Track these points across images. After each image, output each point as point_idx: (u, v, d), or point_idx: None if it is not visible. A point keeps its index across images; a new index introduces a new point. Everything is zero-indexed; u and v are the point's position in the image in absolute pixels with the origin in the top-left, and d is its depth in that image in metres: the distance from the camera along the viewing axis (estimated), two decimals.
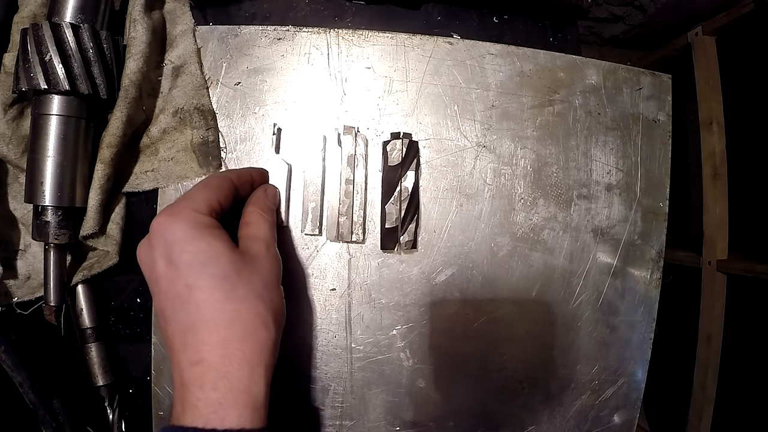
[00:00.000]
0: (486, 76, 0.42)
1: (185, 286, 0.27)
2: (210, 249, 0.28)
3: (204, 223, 0.29)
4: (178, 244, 0.28)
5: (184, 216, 0.29)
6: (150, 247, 0.29)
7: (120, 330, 0.43)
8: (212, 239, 0.28)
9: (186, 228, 0.28)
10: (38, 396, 0.37)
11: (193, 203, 0.30)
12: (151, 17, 0.38)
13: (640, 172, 0.45)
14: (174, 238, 0.28)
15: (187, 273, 0.27)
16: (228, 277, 0.28)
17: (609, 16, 1.37)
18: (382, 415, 0.41)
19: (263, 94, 0.40)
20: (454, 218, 0.42)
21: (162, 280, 0.28)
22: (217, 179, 0.33)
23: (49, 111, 0.35)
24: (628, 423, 0.45)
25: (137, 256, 0.31)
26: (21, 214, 0.39)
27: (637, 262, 0.44)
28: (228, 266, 0.28)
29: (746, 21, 0.92)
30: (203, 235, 0.28)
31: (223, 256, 0.28)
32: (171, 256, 0.28)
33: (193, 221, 0.28)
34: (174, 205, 0.30)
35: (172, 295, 0.27)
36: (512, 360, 0.43)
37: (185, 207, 0.29)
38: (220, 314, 0.27)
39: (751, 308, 1.05)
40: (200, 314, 0.27)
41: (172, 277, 0.28)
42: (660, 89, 0.45)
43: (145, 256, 0.30)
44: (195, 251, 0.28)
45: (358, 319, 0.41)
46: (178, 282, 0.27)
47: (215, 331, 0.26)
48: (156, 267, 0.28)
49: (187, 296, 0.27)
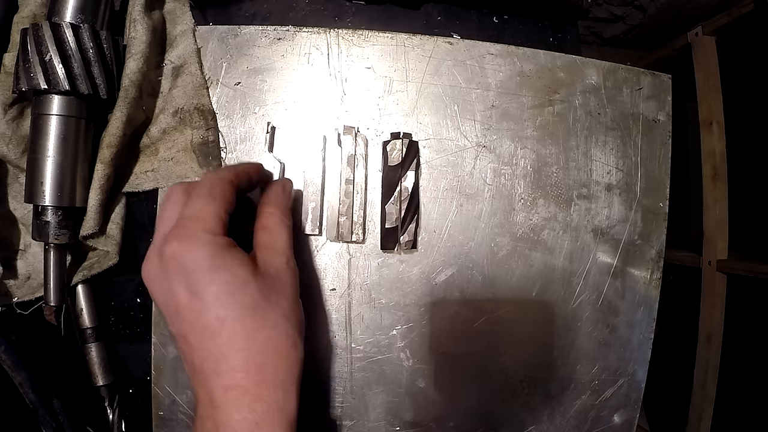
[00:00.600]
0: (486, 76, 0.42)
1: (216, 319, 0.27)
2: (235, 278, 0.27)
3: (223, 245, 0.28)
4: (201, 275, 0.27)
5: (202, 241, 0.27)
6: (165, 276, 0.28)
7: (120, 330, 0.43)
8: (235, 267, 0.28)
9: (207, 256, 0.27)
10: (38, 396, 0.37)
11: (205, 223, 0.28)
12: (151, 17, 0.38)
13: (640, 172, 0.45)
14: (196, 268, 0.27)
15: (216, 306, 0.27)
16: (258, 306, 0.28)
17: (609, 16, 1.37)
18: (382, 415, 0.41)
19: (263, 94, 0.40)
20: (454, 218, 0.42)
21: (185, 311, 0.27)
22: (220, 187, 0.30)
23: (49, 111, 0.35)
24: (628, 423, 0.45)
25: (145, 278, 0.29)
26: (21, 214, 0.39)
27: (637, 262, 0.44)
28: (256, 294, 0.28)
29: (746, 21, 0.92)
30: (226, 263, 0.27)
31: (250, 283, 0.28)
32: (194, 288, 0.27)
33: (212, 247, 0.27)
34: (184, 228, 0.28)
35: (200, 327, 0.27)
36: (512, 360, 0.43)
37: (198, 230, 0.28)
38: (254, 343, 0.27)
39: (751, 308, 1.05)
40: (233, 344, 0.27)
41: (198, 309, 0.27)
42: (660, 89, 0.45)
43: (159, 284, 0.28)
44: (221, 282, 0.27)
45: (358, 319, 0.41)
46: (206, 314, 0.27)
47: (250, 359, 0.27)
48: (176, 297, 0.27)
49: (219, 328, 0.27)
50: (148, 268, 0.29)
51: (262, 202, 0.33)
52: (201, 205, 0.29)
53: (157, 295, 0.29)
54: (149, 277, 0.29)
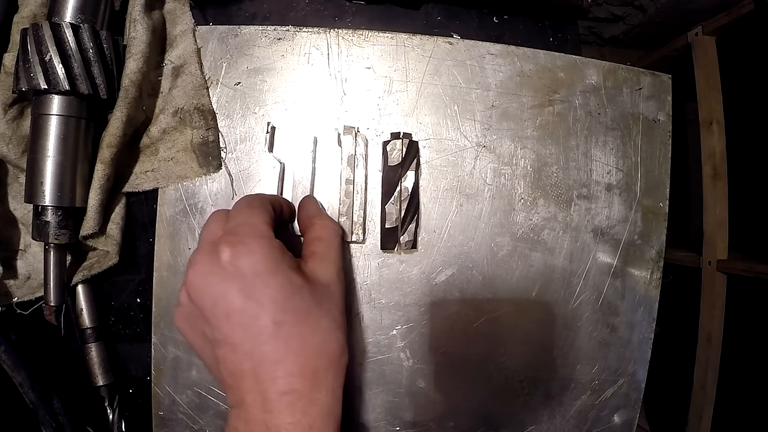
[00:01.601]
0: (486, 76, 0.42)
1: (273, 323, 0.27)
2: (291, 283, 0.28)
3: (277, 248, 0.28)
4: (260, 278, 0.27)
5: (258, 245, 0.27)
6: (219, 281, 0.27)
7: (120, 330, 0.43)
8: (290, 272, 0.28)
9: (263, 259, 0.27)
10: (38, 396, 0.37)
11: (255, 227, 0.28)
12: (151, 17, 0.38)
13: (640, 172, 0.45)
14: (254, 272, 0.27)
15: (274, 309, 0.27)
16: (312, 311, 0.28)
17: (609, 16, 1.37)
18: (382, 415, 0.41)
19: (263, 94, 0.40)
20: (454, 218, 0.42)
21: (240, 315, 0.27)
22: (258, 200, 0.31)
23: (49, 111, 0.35)
24: (628, 423, 0.45)
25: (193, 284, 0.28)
26: (21, 214, 0.39)
27: (637, 262, 0.44)
28: (310, 299, 0.28)
29: (746, 21, 0.92)
30: (281, 267, 0.28)
31: (305, 288, 0.28)
32: (251, 291, 0.27)
33: (267, 250, 0.27)
34: (236, 234, 0.28)
35: (256, 331, 0.27)
36: (512, 360, 0.43)
37: (251, 234, 0.28)
38: (309, 348, 0.28)
39: (751, 308, 1.05)
40: (290, 348, 0.27)
41: (255, 312, 0.27)
42: (660, 89, 0.45)
43: (209, 290, 0.27)
44: (277, 286, 0.27)
45: (358, 319, 0.41)
46: (263, 318, 0.27)
47: (306, 364, 0.27)
48: (230, 301, 0.27)
49: (275, 331, 0.27)
50: (196, 272, 0.28)
51: (307, 216, 0.35)
52: (246, 214, 0.29)
53: (206, 301, 0.28)
54: (197, 284, 0.28)
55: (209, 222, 0.31)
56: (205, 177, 0.40)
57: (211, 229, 0.30)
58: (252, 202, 0.30)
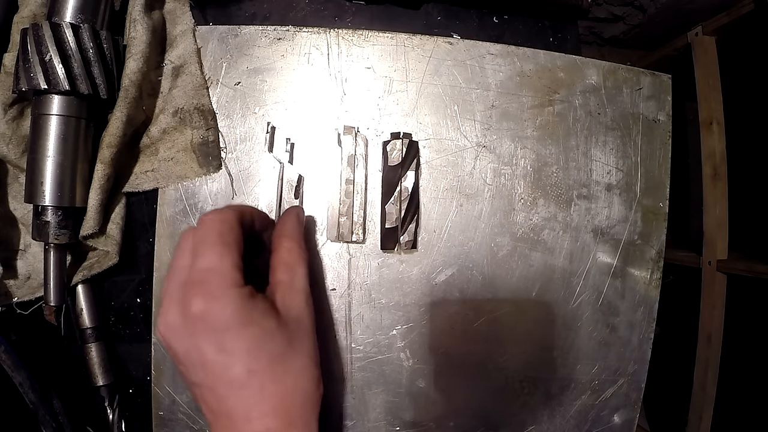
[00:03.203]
0: (486, 76, 0.42)
1: (246, 372, 0.27)
2: (263, 331, 0.28)
3: (247, 297, 0.28)
4: (231, 332, 0.27)
5: (228, 298, 0.27)
6: (190, 333, 0.27)
7: (120, 330, 0.43)
8: (262, 319, 0.28)
9: (234, 313, 0.27)
10: (38, 396, 0.37)
11: (226, 276, 0.28)
12: (151, 17, 0.38)
13: (640, 172, 0.45)
14: (225, 327, 0.27)
15: (247, 359, 0.27)
16: (285, 353, 0.29)
17: (609, 16, 1.37)
18: (382, 415, 0.41)
19: (263, 94, 0.40)
20: (454, 218, 0.42)
21: (213, 366, 0.27)
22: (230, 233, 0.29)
23: (49, 111, 0.35)
24: (628, 423, 0.45)
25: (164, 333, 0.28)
26: (21, 214, 0.39)
27: (637, 262, 0.44)
28: (283, 342, 0.29)
29: (746, 21, 0.92)
30: (253, 317, 0.28)
31: (276, 333, 0.28)
32: (223, 344, 0.27)
33: (238, 301, 0.27)
34: (206, 283, 0.27)
35: (229, 379, 0.27)
36: (512, 360, 0.43)
37: (222, 285, 0.27)
38: (282, 388, 0.28)
39: (751, 308, 1.05)
40: (264, 392, 0.27)
41: (227, 363, 0.27)
42: (660, 89, 0.45)
43: (182, 340, 0.28)
44: (249, 336, 0.27)
45: (358, 319, 0.41)
46: (236, 368, 0.27)
47: (279, 404, 0.28)
48: (203, 353, 0.27)
49: (249, 379, 0.27)
50: (168, 323, 0.28)
51: (279, 235, 0.33)
52: (217, 255, 0.28)
53: (179, 350, 0.28)
54: (169, 333, 0.28)
55: (176, 250, 0.30)
56: (205, 177, 0.40)
57: (177, 265, 0.29)
58: (224, 236, 0.29)
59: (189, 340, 0.27)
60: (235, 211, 0.31)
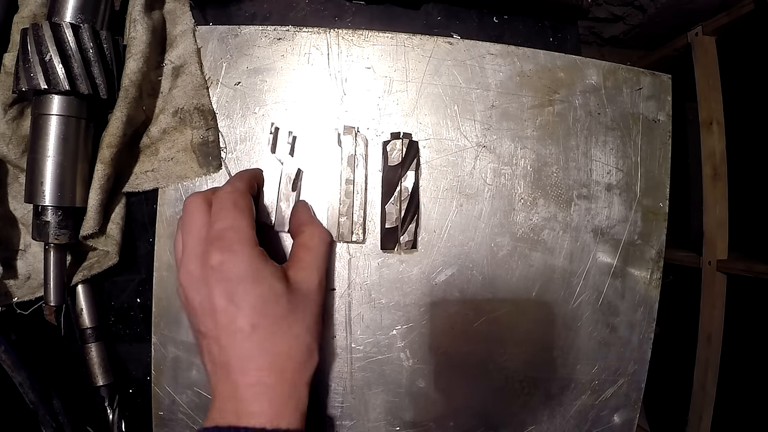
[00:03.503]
0: (486, 76, 0.42)
1: (249, 325, 0.30)
2: (271, 291, 0.30)
3: (261, 257, 0.31)
4: (243, 286, 0.30)
5: (244, 254, 0.30)
6: (206, 282, 0.30)
7: (120, 330, 0.43)
8: (273, 280, 0.31)
9: (248, 269, 0.30)
10: (38, 396, 0.37)
11: (242, 234, 0.30)
12: (151, 17, 0.38)
13: (640, 172, 0.45)
14: (239, 279, 0.30)
15: (252, 314, 0.30)
16: (286, 317, 0.31)
17: (609, 16, 1.37)
18: (382, 415, 0.41)
19: (263, 94, 0.40)
20: (454, 218, 0.42)
21: (221, 315, 0.30)
22: (242, 200, 0.33)
23: (49, 111, 0.35)
24: (628, 423, 0.45)
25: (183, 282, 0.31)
26: (21, 214, 0.39)
27: (637, 262, 0.44)
28: (286, 307, 0.31)
29: (746, 21, 0.92)
30: (265, 275, 0.30)
31: (283, 296, 0.31)
32: (234, 296, 0.30)
33: (253, 259, 0.30)
34: (225, 239, 0.30)
35: (233, 329, 0.30)
36: (512, 360, 0.43)
37: (239, 241, 0.30)
38: (279, 349, 0.31)
39: (751, 308, 1.05)
40: (262, 348, 0.30)
41: (234, 314, 0.30)
42: (660, 89, 0.45)
43: (197, 289, 0.31)
44: (258, 293, 0.30)
45: (358, 319, 0.41)
46: (240, 320, 0.30)
47: (274, 362, 0.30)
48: (214, 302, 0.30)
49: (251, 333, 0.30)
50: (188, 272, 0.31)
51: (300, 222, 0.36)
52: (233, 217, 0.31)
53: (193, 297, 0.31)
54: (188, 282, 0.31)
55: (191, 212, 0.32)
56: (205, 177, 0.40)
57: (195, 222, 0.32)
58: (238, 202, 0.32)
59: (204, 289, 0.30)
60: (245, 180, 0.35)
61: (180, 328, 0.39)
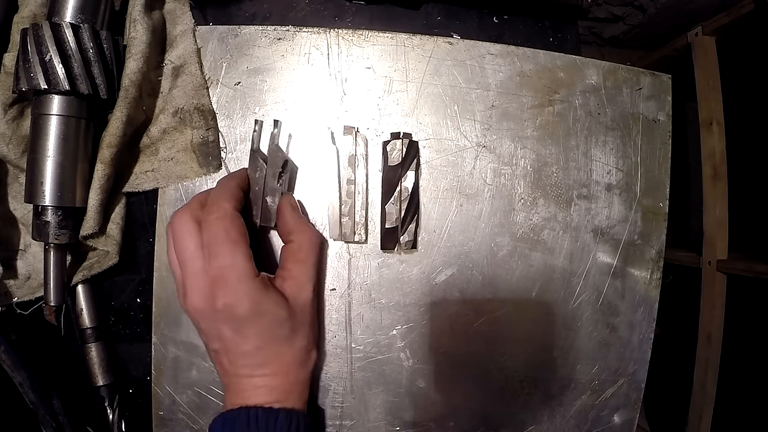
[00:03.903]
0: (486, 76, 0.42)
1: (255, 348, 0.33)
2: (274, 319, 0.33)
3: (262, 290, 0.32)
4: (248, 320, 0.32)
5: (248, 294, 0.31)
6: (214, 319, 0.32)
7: (120, 330, 0.43)
8: (276, 309, 0.33)
9: (252, 305, 0.31)
10: (38, 396, 0.37)
11: (241, 271, 0.31)
12: (151, 17, 0.38)
13: (640, 172, 0.45)
14: (244, 317, 0.32)
15: (257, 340, 0.33)
16: (289, 337, 0.34)
17: (609, 16, 1.37)
18: (382, 415, 0.41)
19: (263, 94, 0.40)
20: (454, 218, 0.42)
21: (229, 342, 0.33)
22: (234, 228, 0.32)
23: (49, 111, 0.35)
24: (628, 423, 0.45)
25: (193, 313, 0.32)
26: (21, 214, 0.39)
27: (637, 262, 0.44)
28: (289, 328, 0.34)
29: (746, 21, 0.92)
30: (267, 308, 0.32)
31: (286, 321, 0.33)
32: (240, 329, 0.32)
33: (255, 295, 0.31)
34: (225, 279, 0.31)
35: (240, 352, 0.33)
36: (512, 360, 0.43)
37: (239, 279, 0.31)
38: (283, 359, 0.34)
39: (751, 308, 1.05)
40: (266, 361, 0.33)
41: (240, 341, 0.32)
42: (660, 89, 0.45)
43: (207, 321, 0.33)
44: (262, 324, 0.32)
45: (358, 319, 0.41)
46: (246, 345, 0.33)
47: (278, 369, 0.34)
48: (222, 333, 0.32)
49: (257, 352, 0.33)
50: (195, 308, 0.32)
51: (287, 230, 0.36)
52: (229, 252, 0.31)
53: (203, 326, 0.33)
54: (196, 315, 0.33)
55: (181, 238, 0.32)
56: (205, 177, 0.40)
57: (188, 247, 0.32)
58: (230, 232, 0.31)
59: (212, 322, 0.33)
60: (231, 200, 0.33)
61: (180, 328, 0.39)
